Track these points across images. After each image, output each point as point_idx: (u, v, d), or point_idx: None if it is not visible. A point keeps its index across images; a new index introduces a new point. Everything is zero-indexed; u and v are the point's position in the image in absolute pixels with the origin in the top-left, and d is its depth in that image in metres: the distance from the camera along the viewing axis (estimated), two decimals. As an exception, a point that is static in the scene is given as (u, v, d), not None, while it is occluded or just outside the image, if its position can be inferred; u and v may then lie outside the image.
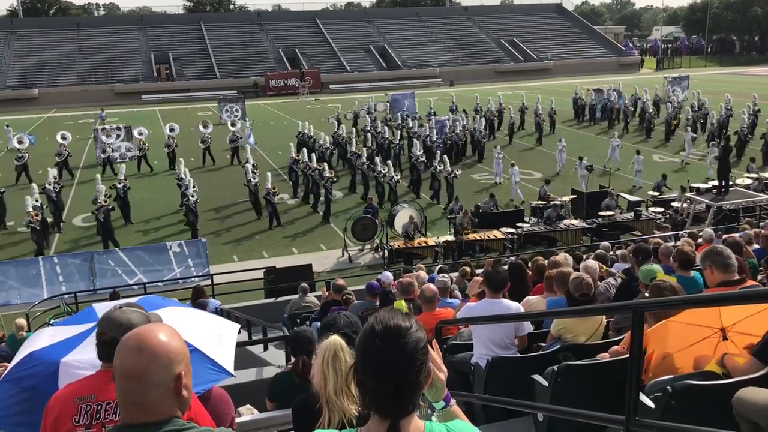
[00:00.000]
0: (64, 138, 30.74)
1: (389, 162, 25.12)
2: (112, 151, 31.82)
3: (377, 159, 25.44)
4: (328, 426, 2.63)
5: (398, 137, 30.56)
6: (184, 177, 22.66)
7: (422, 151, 26.98)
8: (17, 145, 29.85)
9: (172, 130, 32.17)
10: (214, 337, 3.53)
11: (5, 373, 3.27)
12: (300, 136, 31.87)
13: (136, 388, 1.93)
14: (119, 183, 22.88)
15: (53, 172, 24.58)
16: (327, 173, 23.30)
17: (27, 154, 29.31)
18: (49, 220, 22.24)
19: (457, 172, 24.30)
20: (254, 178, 23.15)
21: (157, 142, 32.58)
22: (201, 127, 32.90)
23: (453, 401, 2.24)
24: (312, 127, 32.38)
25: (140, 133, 32.51)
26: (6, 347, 8.92)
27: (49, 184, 22.62)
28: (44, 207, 21.59)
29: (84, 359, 3.03)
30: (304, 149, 26.72)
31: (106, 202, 20.75)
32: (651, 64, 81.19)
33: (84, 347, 3.12)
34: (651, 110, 36.72)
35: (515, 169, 24.82)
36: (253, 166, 24.30)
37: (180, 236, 21.17)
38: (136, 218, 23.52)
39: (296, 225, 22.86)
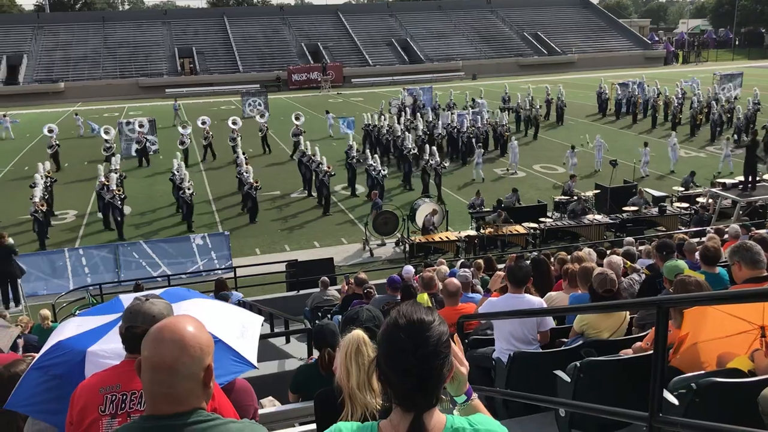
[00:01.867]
0: (141, 126, 31.62)
1: (376, 156, 25.39)
2: (137, 143, 32.14)
3: (368, 152, 25.69)
4: (350, 420, 2.64)
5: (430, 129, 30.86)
6: (177, 171, 22.62)
7: (413, 144, 27.04)
8: (104, 136, 30.44)
9: (234, 123, 32.12)
10: (238, 328, 3.55)
11: (34, 360, 3.32)
12: (367, 128, 32.17)
13: (167, 379, 1.94)
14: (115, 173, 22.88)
15: (46, 165, 24.70)
16: (325, 167, 23.39)
17: (114, 145, 30.00)
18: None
19: (445, 164, 24.21)
20: (248, 171, 23.18)
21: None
22: (258, 117, 32.96)
23: (474, 395, 2.24)
24: (376, 117, 32.68)
25: (203, 123, 32.81)
26: (35, 337, 9.07)
27: (42, 177, 22.72)
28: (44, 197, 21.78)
29: (110, 349, 3.06)
30: (308, 143, 26.73)
31: (119, 190, 21.42)
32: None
33: (110, 337, 3.15)
34: (677, 104, 36.22)
35: (479, 150, 27.65)
36: (245, 159, 24.52)
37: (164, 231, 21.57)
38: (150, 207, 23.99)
39: (318, 219, 22.92)
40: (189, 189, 21.84)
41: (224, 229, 21.07)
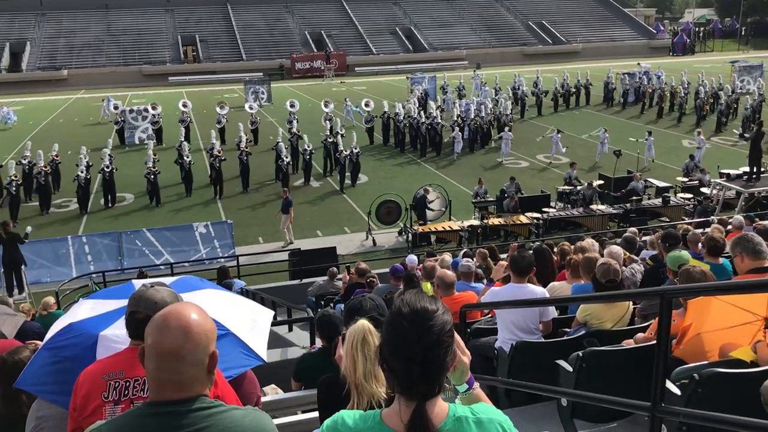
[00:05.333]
0: (185, 105, 33.10)
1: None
2: (142, 132, 32.26)
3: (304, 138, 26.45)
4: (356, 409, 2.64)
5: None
6: (82, 157, 23.71)
7: (331, 132, 27.29)
8: (182, 108, 32.65)
9: (251, 108, 33.60)
10: (249, 321, 3.56)
11: (45, 341, 3.32)
12: (383, 116, 32.34)
13: (172, 366, 1.95)
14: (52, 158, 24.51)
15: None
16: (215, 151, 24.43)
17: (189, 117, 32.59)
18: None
19: (345, 153, 25.06)
20: (188, 156, 24.70)
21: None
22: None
23: (476, 384, 2.24)
24: (401, 105, 32.57)
25: (251, 108, 33.70)
26: (37, 324, 9.08)
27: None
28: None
29: (122, 334, 3.05)
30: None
31: (155, 168, 23.45)
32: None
33: (123, 322, 3.16)
34: (683, 95, 35.98)
35: (459, 134, 29.12)
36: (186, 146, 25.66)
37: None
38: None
39: (321, 207, 22.93)
40: (82, 174, 22.85)
41: (227, 217, 21.10)
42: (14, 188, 22.14)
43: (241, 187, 25.06)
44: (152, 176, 23.41)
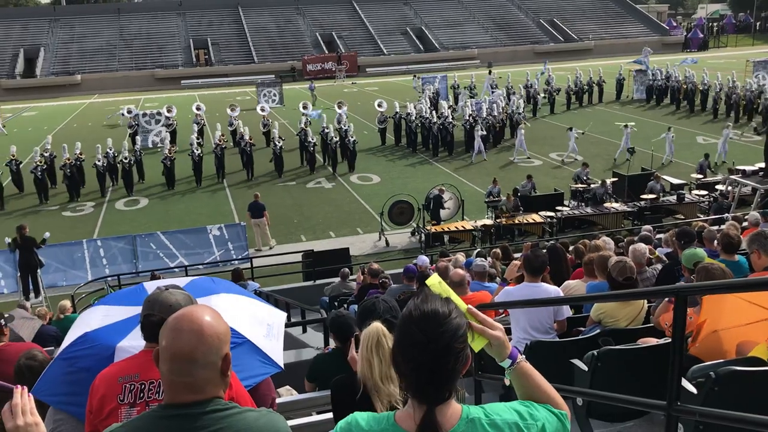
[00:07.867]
0: (198, 109, 33.71)
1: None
2: (155, 135, 32.47)
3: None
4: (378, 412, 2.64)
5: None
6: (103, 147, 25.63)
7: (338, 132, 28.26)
8: (196, 111, 33.49)
9: (263, 110, 33.86)
10: (265, 326, 3.56)
11: (60, 350, 3.33)
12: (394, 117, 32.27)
13: (185, 369, 1.96)
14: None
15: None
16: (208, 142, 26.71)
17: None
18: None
19: (335, 139, 27.16)
20: (198, 149, 26.03)
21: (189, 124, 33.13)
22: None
23: (521, 357, 2.11)
24: (413, 106, 32.33)
25: (262, 110, 33.69)
26: (54, 328, 9.15)
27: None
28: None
29: (139, 345, 3.05)
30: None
31: (171, 155, 25.62)
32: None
33: (138, 332, 3.16)
34: (718, 90, 35.36)
35: (478, 132, 28.39)
36: (199, 143, 26.99)
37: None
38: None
39: (333, 209, 22.94)
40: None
41: (240, 219, 21.16)
42: (40, 173, 23.66)
43: (246, 176, 26.79)
44: (168, 162, 25.33)
